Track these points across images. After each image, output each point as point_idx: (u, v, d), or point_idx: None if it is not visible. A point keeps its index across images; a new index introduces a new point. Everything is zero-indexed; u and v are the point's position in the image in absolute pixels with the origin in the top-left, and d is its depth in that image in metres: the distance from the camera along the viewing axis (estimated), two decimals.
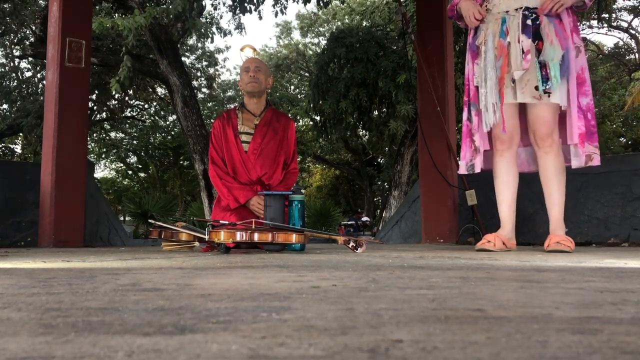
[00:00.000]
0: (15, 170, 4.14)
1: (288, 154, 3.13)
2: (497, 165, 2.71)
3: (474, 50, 2.75)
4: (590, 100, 2.59)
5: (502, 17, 2.63)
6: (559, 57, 2.50)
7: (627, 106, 14.08)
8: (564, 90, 2.53)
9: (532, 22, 2.55)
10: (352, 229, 14.49)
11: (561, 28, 2.54)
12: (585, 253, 2.35)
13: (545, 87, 2.49)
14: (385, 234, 5.44)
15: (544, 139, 2.56)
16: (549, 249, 2.44)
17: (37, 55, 10.13)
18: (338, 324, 0.60)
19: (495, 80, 2.62)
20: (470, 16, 2.69)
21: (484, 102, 2.67)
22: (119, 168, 24.15)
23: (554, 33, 2.53)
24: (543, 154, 2.58)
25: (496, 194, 2.74)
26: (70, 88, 3.91)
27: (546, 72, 2.50)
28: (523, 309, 0.71)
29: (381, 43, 9.01)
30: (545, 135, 2.56)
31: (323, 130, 9.60)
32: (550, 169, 2.58)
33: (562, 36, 2.53)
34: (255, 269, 1.45)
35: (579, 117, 2.54)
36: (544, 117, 2.55)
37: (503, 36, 2.61)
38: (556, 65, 2.49)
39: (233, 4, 8.68)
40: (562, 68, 2.51)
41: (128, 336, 0.54)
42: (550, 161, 2.57)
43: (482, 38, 2.69)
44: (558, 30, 2.54)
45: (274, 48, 20.27)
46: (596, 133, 2.61)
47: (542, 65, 2.50)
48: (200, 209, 10.44)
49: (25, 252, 2.71)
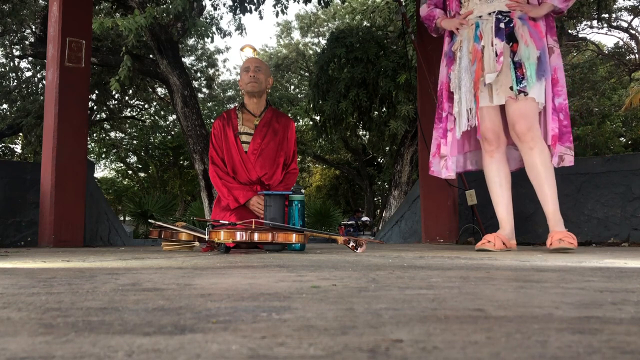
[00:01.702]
0: (15, 170, 4.14)
1: (288, 154, 3.13)
2: (488, 167, 2.73)
3: (450, 56, 2.82)
4: (563, 100, 2.60)
5: (476, 22, 2.69)
6: (534, 57, 2.52)
7: (625, 106, 14.09)
8: (542, 89, 2.54)
9: (505, 25, 2.60)
10: (352, 228, 14.49)
11: (536, 29, 2.58)
12: (585, 253, 2.35)
13: (520, 87, 2.51)
14: (385, 234, 5.44)
15: (525, 133, 2.54)
16: (553, 247, 2.40)
17: (37, 55, 10.13)
18: (338, 324, 0.60)
19: (469, 85, 2.67)
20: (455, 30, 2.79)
21: (457, 109, 2.73)
22: (119, 168, 24.17)
23: (528, 34, 2.56)
24: (527, 150, 2.56)
25: (491, 196, 2.75)
26: (70, 88, 3.91)
27: (522, 72, 2.53)
28: (523, 309, 0.71)
29: (381, 43, 9.01)
30: (525, 129, 2.54)
31: (323, 130, 9.61)
32: (537, 164, 2.55)
33: (537, 37, 2.56)
34: (255, 269, 1.45)
35: (553, 118, 2.56)
36: (521, 110, 2.54)
37: (477, 40, 2.66)
38: (532, 64, 2.51)
39: (233, 4, 8.68)
40: (539, 68, 2.53)
41: (128, 336, 0.54)
42: (535, 156, 2.54)
43: (458, 44, 2.76)
44: (532, 31, 2.57)
45: (274, 48, 20.30)
46: (570, 133, 2.60)
47: (517, 65, 2.53)
48: (200, 209, 10.44)
49: (25, 252, 2.71)
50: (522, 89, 2.51)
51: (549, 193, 2.55)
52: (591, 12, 9.54)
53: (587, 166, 3.73)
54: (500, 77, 2.57)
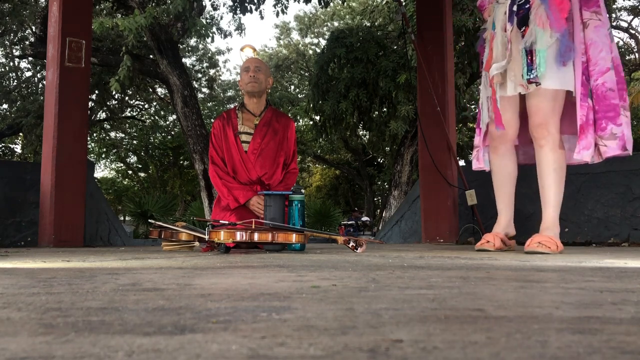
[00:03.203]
0: (15, 170, 4.14)
1: (288, 154, 3.13)
2: (492, 162, 2.63)
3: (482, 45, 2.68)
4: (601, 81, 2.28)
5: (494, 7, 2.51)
6: (548, 42, 2.28)
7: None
8: (566, 76, 2.30)
9: (518, 7, 2.37)
10: (352, 228, 14.49)
11: (558, 8, 2.30)
12: (585, 253, 2.35)
13: (530, 77, 2.30)
14: (385, 234, 5.44)
15: (537, 129, 2.36)
16: (528, 249, 2.24)
17: (37, 55, 10.13)
18: (338, 324, 0.60)
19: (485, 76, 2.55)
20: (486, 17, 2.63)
21: (481, 100, 2.66)
22: (119, 168, 24.16)
23: (545, 15, 2.30)
24: (538, 147, 2.38)
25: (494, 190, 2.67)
26: (70, 88, 3.91)
27: (531, 60, 2.30)
28: (523, 309, 0.71)
29: (381, 43, 9.01)
30: (537, 126, 2.36)
31: (323, 130, 9.61)
32: (543, 163, 2.37)
33: (557, 17, 2.29)
34: (255, 269, 1.45)
35: (582, 105, 2.29)
36: (537, 105, 2.35)
37: (493, 27, 2.50)
38: (542, 51, 2.28)
39: (233, 4, 8.69)
40: (560, 52, 2.28)
41: (128, 336, 0.54)
42: (543, 155, 2.36)
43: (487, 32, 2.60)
44: (551, 11, 2.30)
45: (274, 48, 20.30)
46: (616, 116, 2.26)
47: (528, 52, 2.31)
48: (200, 209, 10.44)
49: (25, 252, 2.71)
50: (532, 80, 2.29)
51: (550, 195, 2.37)
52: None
53: (587, 166, 3.72)
54: (513, 66, 2.37)
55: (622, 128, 2.28)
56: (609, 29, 2.37)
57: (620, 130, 2.28)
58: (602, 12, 2.35)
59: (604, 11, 2.35)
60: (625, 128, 2.28)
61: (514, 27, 2.38)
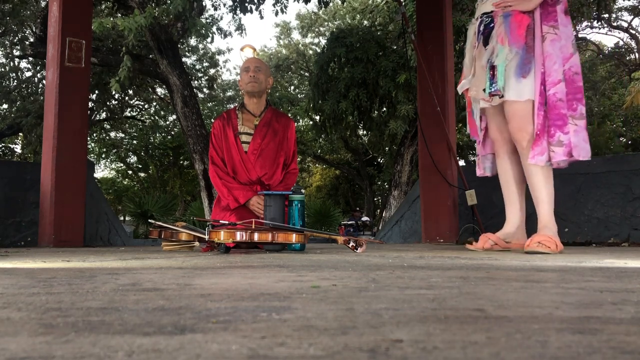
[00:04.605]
0: (15, 170, 4.14)
1: (288, 154, 3.12)
2: (497, 166, 2.77)
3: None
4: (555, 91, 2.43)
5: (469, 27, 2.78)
6: (508, 57, 2.45)
7: (626, 105, 14.10)
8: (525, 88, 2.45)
9: (484, 27, 2.58)
10: (352, 228, 14.48)
11: (518, 24, 2.47)
12: (585, 253, 2.35)
13: (492, 90, 2.49)
14: (385, 234, 5.44)
15: (516, 133, 2.50)
16: (527, 249, 2.30)
17: (37, 55, 10.13)
18: (338, 324, 0.60)
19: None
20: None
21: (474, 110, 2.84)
22: (119, 168, 24.16)
23: (504, 33, 2.48)
24: (520, 149, 2.51)
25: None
26: (70, 88, 3.91)
27: (493, 74, 2.49)
28: (523, 309, 0.71)
29: (381, 43, 9.01)
30: (517, 130, 2.50)
31: (322, 129, 9.61)
32: (527, 164, 2.48)
33: (516, 33, 2.46)
34: (255, 269, 1.45)
35: (538, 114, 2.44)
36: (512, 112, 2.51)
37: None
38: (501, 65, 2.45)
39: (233, 3, 8.69)
40: (519, 66, 2.44)
41: (128, 336, 0.54)
42: (525, 159, 2.49)
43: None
44: (512, 28, 2.47)
45: (274, 48, 20.30)
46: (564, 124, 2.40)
47: (491, 67, 2.50)
48: (200, 209, 10.44)
49: (25, 252, 2.71)
50: (494, 92, 2.49)
51: (541, 194, 2.48)
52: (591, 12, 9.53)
53: (587, 166, 3.72)
54: (477, 82, 2.62)
55: (569, 136, 2.42)
56: (573, 41, 2.52)
57: (567, 138, 2.42)
58: (560, 26, 2.49)
59: (562, 25, 2.49)
60: (572, 136, 2.41)
61: (479, 45, 2.60)
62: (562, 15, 2.50)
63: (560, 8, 2.50)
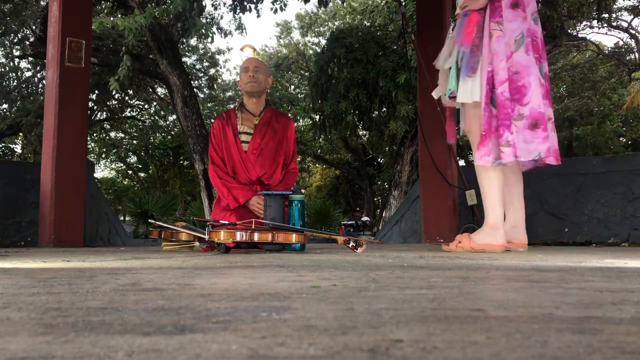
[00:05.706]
0: (15, 170, 4.14)
1: (287, 153, 3.12)
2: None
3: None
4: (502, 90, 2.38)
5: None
6: (459, 57, 2.47)
7: (626, 105, 14.10)
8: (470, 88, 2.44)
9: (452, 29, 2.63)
10: (352, 228, 14.48)
11: (467, 24, 2.47)
12: (585, 253, 2.35)
13: (449, 93, 2.54)
14: (385, 234, 5.44)
15: (466, 134, 2.57)
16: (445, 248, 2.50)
17: (37, 55, 10.12)
18: (338, 324, 0.60)
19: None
20: None
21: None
22: (119, 168, 24.16)
23: (458, 33, 2.51)
24: (473, 150, 2.56)
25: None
26: (70, 88, 3.91)
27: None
28: (523, 309, 0.71)
29: (381, 43, 9.01)
30: (467, 132, 2.56)
31: (322, 129, 9.61)
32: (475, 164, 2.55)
33: (463, 34, 2.47)
34: (255, 269, 1.45)
35: (483, 114, 2.43)
36: (466, 114, 2.56)
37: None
38: (453, 66, 2.48)
39: (233, 3, 8.69)
40: (465, 66, 2.44)
41: (128, 336, 0.54)
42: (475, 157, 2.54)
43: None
44: (462, 28, 2.49)
45: (274, 48, 20.29)
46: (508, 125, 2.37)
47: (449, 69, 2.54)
48: (200, 209, 10.44)
49: (25, 252, 2.71)
50: (451, 95, 2.51)
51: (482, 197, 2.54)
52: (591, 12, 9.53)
53: (587, 166, 3.72)
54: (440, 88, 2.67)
55: (514, 137, 2.37)
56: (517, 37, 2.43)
57: (513, 138, 2.38)
58: (505, 21, 2.43)
59: (507, 20, 2.43)
60: (515, 136, 2.37)
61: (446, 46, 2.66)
62: (508, 10, 2.44)
63: (506, 3, 2.44)
